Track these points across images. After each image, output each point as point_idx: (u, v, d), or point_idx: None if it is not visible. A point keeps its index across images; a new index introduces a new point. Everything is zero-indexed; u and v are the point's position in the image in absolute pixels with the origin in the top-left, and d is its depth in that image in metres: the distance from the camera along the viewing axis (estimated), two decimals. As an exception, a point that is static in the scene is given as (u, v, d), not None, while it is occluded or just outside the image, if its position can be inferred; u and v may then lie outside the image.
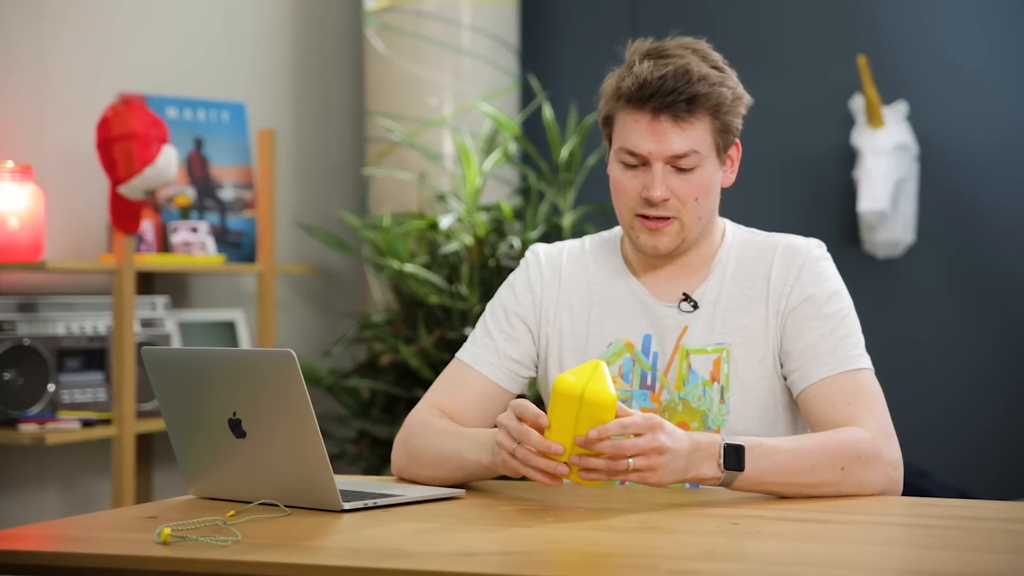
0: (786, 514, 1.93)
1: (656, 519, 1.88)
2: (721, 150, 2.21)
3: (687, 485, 2.17)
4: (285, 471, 1.97)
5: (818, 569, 1.60)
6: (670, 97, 2.13)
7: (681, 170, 2.17)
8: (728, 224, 2.32)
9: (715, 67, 2.19)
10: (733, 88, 2.19)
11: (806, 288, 2.21)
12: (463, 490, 2.12)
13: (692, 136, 2.16)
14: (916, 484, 4.29)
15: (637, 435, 1.91)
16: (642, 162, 2.18)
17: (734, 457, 1.98)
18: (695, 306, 2.25)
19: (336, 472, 1.98)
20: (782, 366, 2.21)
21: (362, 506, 1.97)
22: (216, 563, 1.66)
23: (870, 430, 2.09)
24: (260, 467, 2.00)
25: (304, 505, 1.97)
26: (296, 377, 1.90)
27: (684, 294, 2.26)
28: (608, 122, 2.23)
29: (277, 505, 1.97)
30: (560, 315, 2.30)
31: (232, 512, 1.93)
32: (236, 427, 1.99)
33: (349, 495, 2.00)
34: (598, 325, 2.27)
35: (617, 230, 2.33)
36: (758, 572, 1.58)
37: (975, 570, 1.58)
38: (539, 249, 2.37)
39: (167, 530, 1.75)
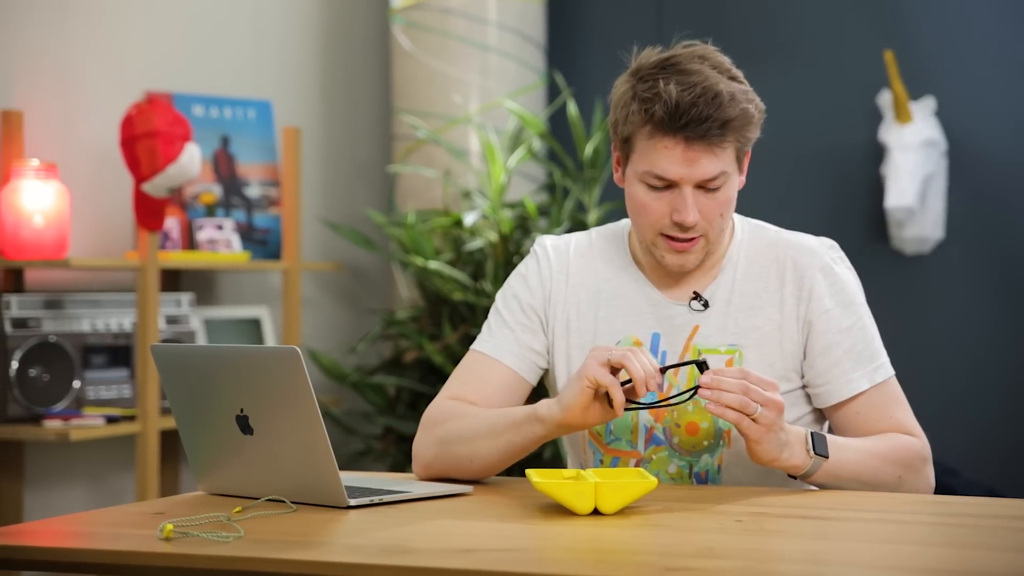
0: (791, 511, 1.92)
1: (658, 516, 1.88)
2: (740, 160, 2.19)
3: (694, 465, 2.17)
4: (291, 468, 1.98)
5: (816, 567, 1.60)
6: (705, 125, 2.09)
7: (709, 190, 2.15)
8: (736, 219, 2.30)
9: (732, 78, 2.15)
10: (755, 101, 2.16)
11: (824, 300, 2.21)
12: (470, 487, 2.12)
13: (722, 158, 2.13)
14: (944, 482, 4.25)
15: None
16: (669, 184, 2.15)
17: (822, 443, 2.05)
18: (706, 305, 2.24)
19: (362, 469, 1.99)
20: (802, 376, 2.22)
21: (367, 502, 1.97)
22: (216, 559, 1.67)
23: (917, 434, 2.18)
24: (267, 463, 2.01)
25: (310, 501, 1.98)
26: (301, 374, 1.91)
27: (695, 293, 2.25)
28: (627, 142, 2.18)
29: (284, 501, 1.98)
30: (567, 311, 2.28)
31: (238, 508, 1.94)
32: (243, 424, 2.00)
33: (355, 491, 2.01)
34: (606, 322, 2.26)
35: (625, 223, 2.31)
36: (753, 570, 1.57)
37: (975, 567, 1.57)
38: (547, 242, 2.34)
39: (170, 526, 1.76)
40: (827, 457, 2.06)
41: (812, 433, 2.07)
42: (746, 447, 2.03)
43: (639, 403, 2.05)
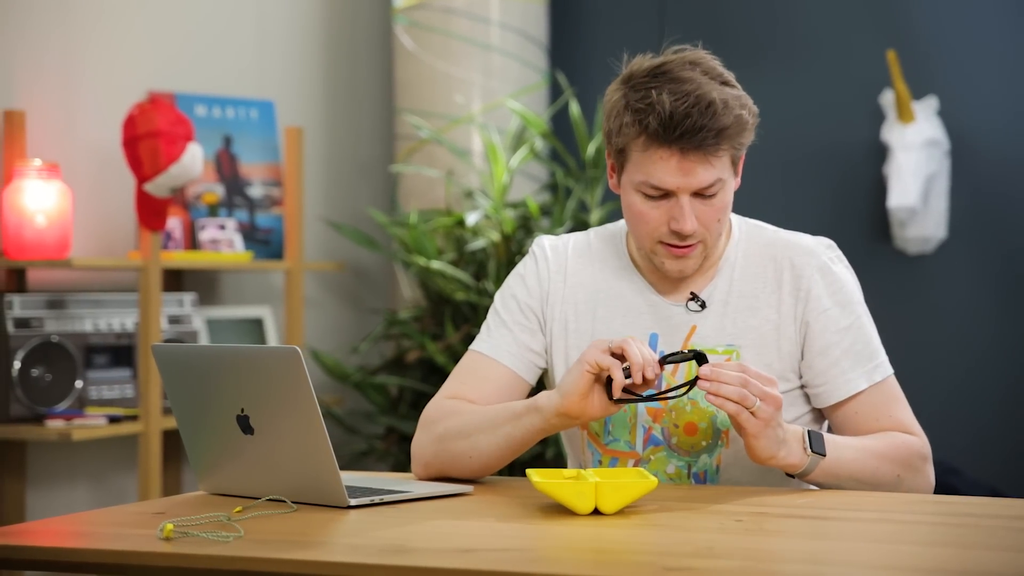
0: (791, 511, 1.92)
1: (658, 516, 1.88)
2: (735, 164, 2.19)
3: (692, 466, 2.18)
4: (292, 467, 1.98)
5: (816, 567, 1.60)
6: (700, 135, 2.09)
7: (705, 197, 2.15)
8: (734, 219, 2.30)
9: (725, 83, 2.14)
10: (748, 106, 2.15)
11: (822, 301, 2.21)
12: (471, 487, 2.12)
13: (718, 166, 2.13)
14: (946, 481, 4.26)
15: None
16: (665, 194, 2.15)
17: (819, 442, 2.06)
18: (703, 305, 2.24)
19: (365, 468, 1.99)
20: (800, 377, 2.21)
21: (368, 502, 1.97)
22: (216, 559, 1.67)
23: (917, 432, 2.18)
24: (268, 463, 2.01)
25: (311, 501, 1.98)
26: (301, 374, 1.91)
27: (692, 293, 2.24)
28: (622, 152, 2.17)
29: (284, 501, 1.98)
30: (565, 312, 2.28)
31: (239, 508, 1.94)
32: (244, 423, 2.00)
33: (356, 491, 2.01)
34: (604, 323, 2.26)
35: (623, 224, 2.31)
36: (752, 569, 1.57)
37: (974, 567, 1.57)
38: (545, 242, 2.34)
39: (170, 526, 1.76)
40: (824, 455, 2.06)
41: (809, 432, 2.07)
42: (744, 444, 2.03)
43: (639, 395, 2.05)
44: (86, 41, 4.03)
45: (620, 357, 2.02)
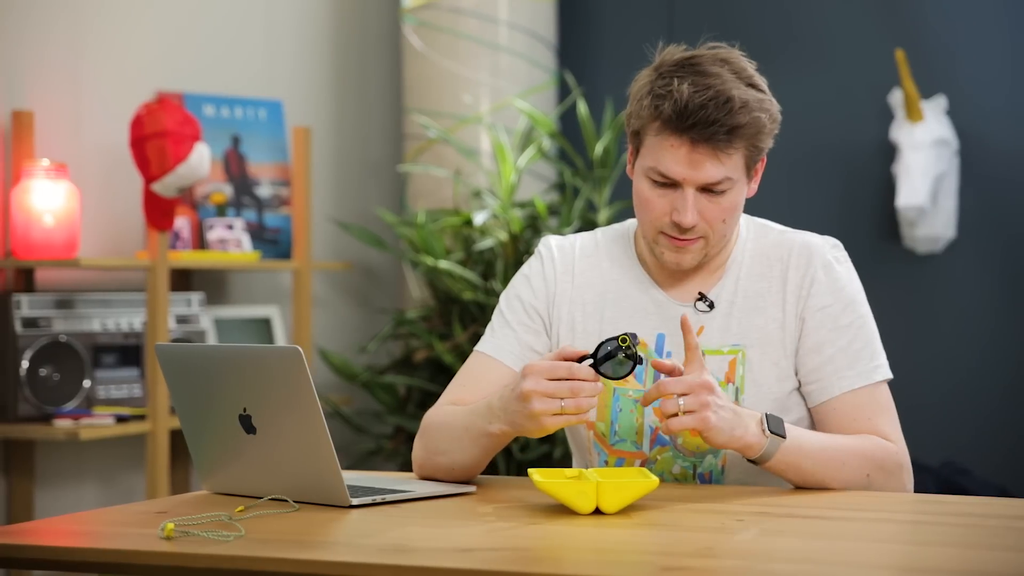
0: (792, 511, 1.92)
1: (658, 516, 1.88)
2: (750, 168, 2.18)
3: (697, 466, 2.17)
4: (294, 467, 1.99)
5: (815, 567, 1.59)
6: (712, 128, 2.08)
7: (712, 193, 2.15)
8: (742, 219, 2.29)
9: (751, 84, 2.14)
10: (770, 111, 2.14)
11: (822, 297, 2.20)
12: (473, 486, 2.12)
13: (728, 164, 2.12)
14: (956, 481, 4.26)
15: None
16: (672, 183, 2.15)
17: (778, 424, 2.03)
18: (711, 306, 2.23)
19: (373, 468, 1.99)
20: (797, 373, 2.20)
21: (370, 502, 1.98)
22: (216, 558, 1.67)
23: (895, 441, 2.15)
24: (270, 463, 2.01)
25: (313, 501, 1.98)
26: (303, 374, 1.91)
27: (700, 293, 2.24)
28: (637, 135, 2.19)
29: (286, 501, 1.99)
30: (573, 312, 2.28)
31: (241, 507, 1.94)
32: (246, 423, 2.01)
33: (358, 491, 2.01)
34: (612, 323, 2.25)
35: (631, 223, 2.31)
36: (750, 569, 1.57)
37: (975, 567, 1.57)
38: (552, 242, 2.34)
39: (171, 525, 1.76)
40: (784, 438, 2.03)
41: (767, 414, 2.05)
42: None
43: None
44: (94, 41, 4.03)
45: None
